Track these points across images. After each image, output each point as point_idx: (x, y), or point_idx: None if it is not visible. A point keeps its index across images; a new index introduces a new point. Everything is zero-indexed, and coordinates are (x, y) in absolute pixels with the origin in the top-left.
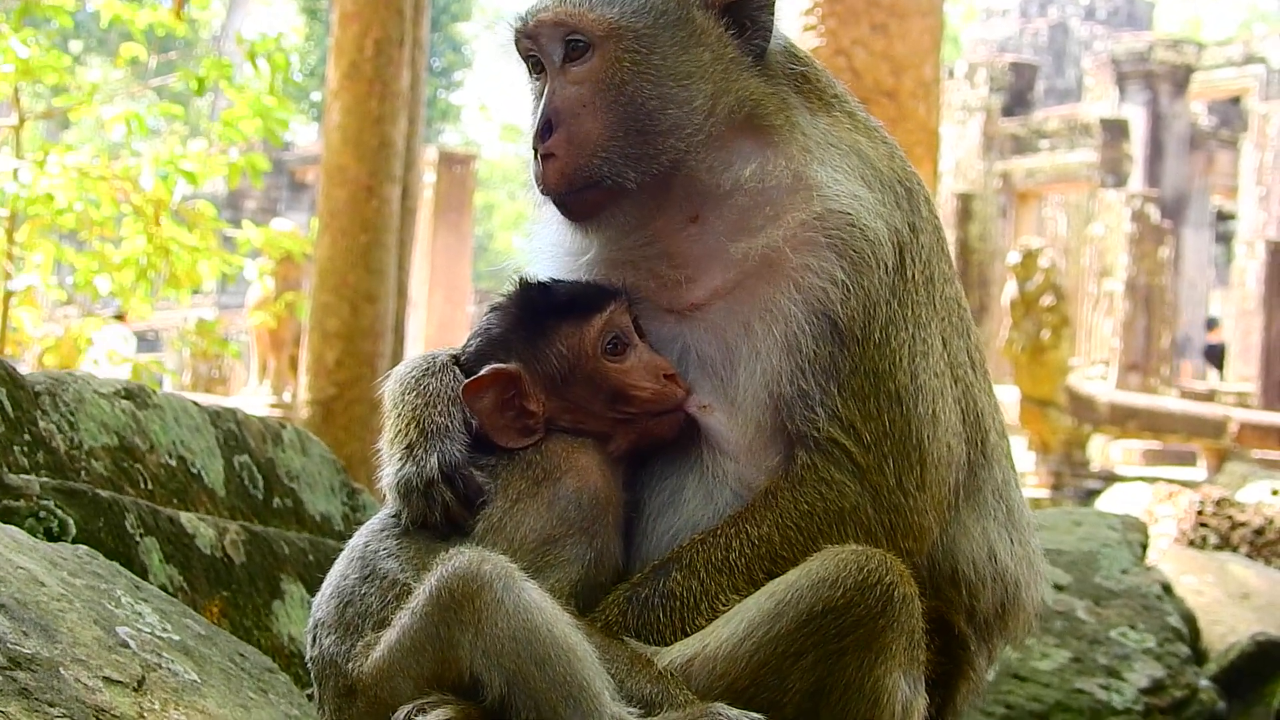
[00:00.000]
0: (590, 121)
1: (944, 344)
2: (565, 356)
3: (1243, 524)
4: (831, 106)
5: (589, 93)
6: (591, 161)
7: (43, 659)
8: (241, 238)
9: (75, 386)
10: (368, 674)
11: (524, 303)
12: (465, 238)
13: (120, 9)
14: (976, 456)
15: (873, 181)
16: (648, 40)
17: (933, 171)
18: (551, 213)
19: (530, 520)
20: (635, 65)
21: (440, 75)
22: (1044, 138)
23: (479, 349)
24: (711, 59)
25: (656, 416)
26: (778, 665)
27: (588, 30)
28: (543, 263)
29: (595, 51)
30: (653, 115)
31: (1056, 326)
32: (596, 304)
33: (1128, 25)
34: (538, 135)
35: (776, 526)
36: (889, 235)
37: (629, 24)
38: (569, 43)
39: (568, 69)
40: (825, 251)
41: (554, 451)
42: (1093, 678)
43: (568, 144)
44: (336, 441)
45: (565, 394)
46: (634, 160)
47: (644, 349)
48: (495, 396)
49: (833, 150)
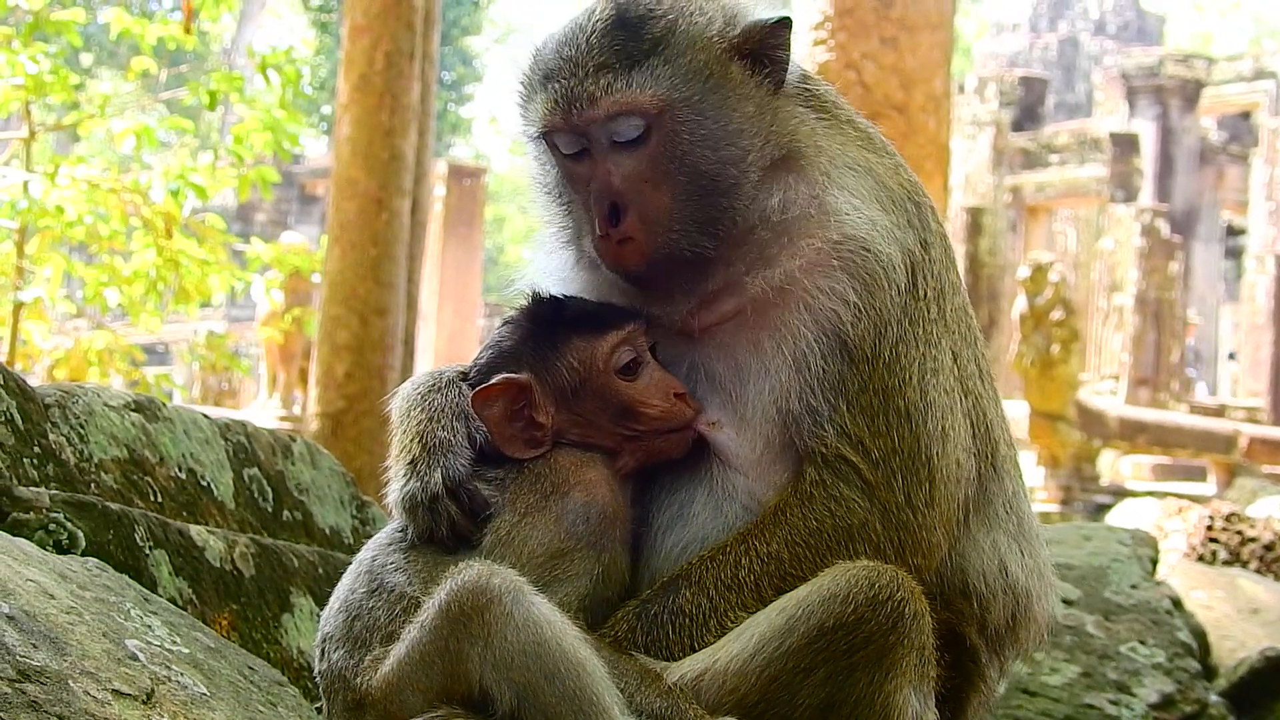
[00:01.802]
0: (658, 198)
1: (954, 358)
2: (576, 369)
3: (1253, 539)
4: (843, 126)
5: (648, 169)
6: (669, 237)
7: (52, 671)
8: (251, 254)
9: (85, 399)
10: (377, 688)
11: (536, 315)
12: (475, 251)
13: (130, 23)
14: (987, 470)
15: (886, 202)
16: (698, 106)
17: (943, 186)
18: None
19: (539, 534)
20: (691, 134)
21: (450, 89)
22: (1054, 152)
23: (489, 361)
24: (754, 110)
25: (665, 434)
26: (788, 681)
27: (643, 112)
28: (553, 285)
29: (651, 130)
30: (715, 179)
31: (1066, 341)
32: (612, 321)
33: (1138, 40)
34: (605, 220)
35: (786, 544)
36: (902, 258)
37: (680, 95)
38: (623, 127)
39: (619, 148)
40: (838, 274)
41: (562, 465)
42: (1102, 693)
43: (641, 224)
44: (346, 454)
45: (574, 407)
46: (704, 225)
47: (655, 367)
48: (504, 406)
49: (849, 172)
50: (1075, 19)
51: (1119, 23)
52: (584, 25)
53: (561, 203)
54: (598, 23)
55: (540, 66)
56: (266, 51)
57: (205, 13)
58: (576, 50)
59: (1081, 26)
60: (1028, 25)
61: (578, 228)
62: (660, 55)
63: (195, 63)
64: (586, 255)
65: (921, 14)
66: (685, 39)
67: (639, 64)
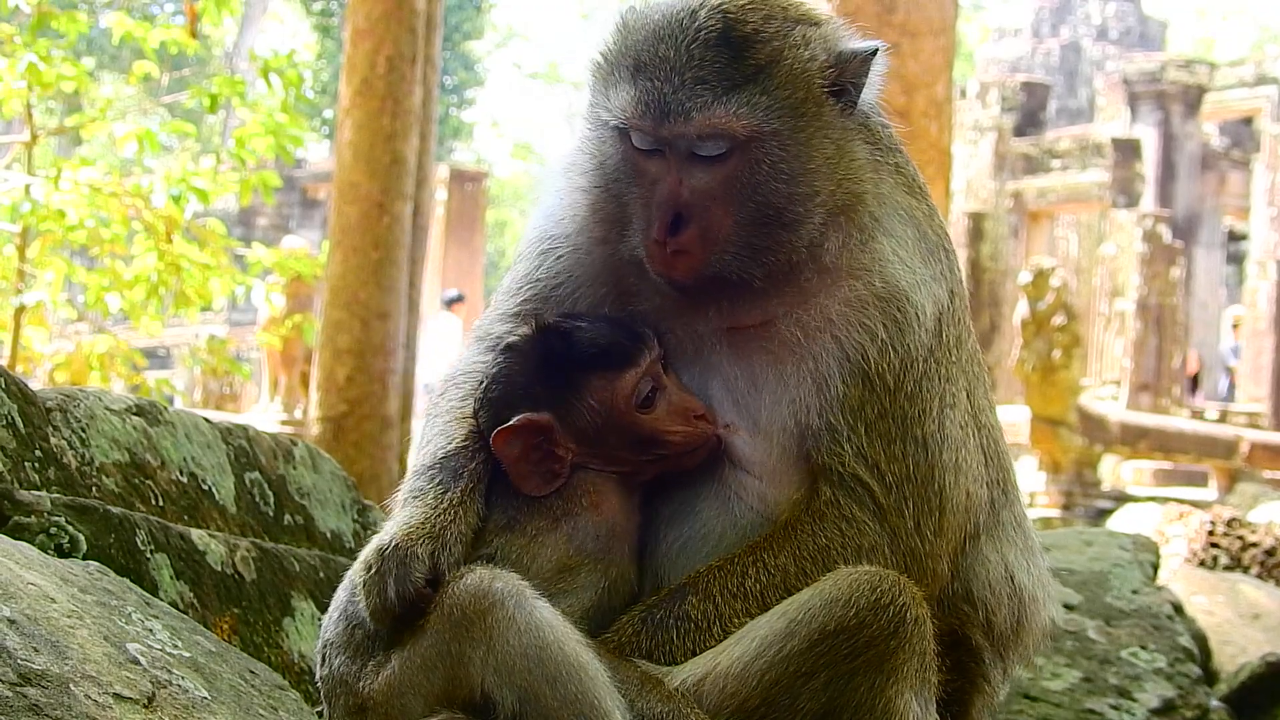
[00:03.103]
0: (722, 218)
1: (968, 396)
2: (597, 410)
3: (1254, 544)
4: (891, 170)
5: (720, 188)
6: (722, 258)
7: (53, 675)
8: (252, 258)
9: (86, 403)
10: (378, 691)
11: (548, 350)
12: (477, 255)
13: (132, 26)
14: (999, 495)
15: (925, 253)
16: (785, 141)
17: (944, 191)
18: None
19: (547, 552)
20: (772, 166)
21: (452, 93)
22: (1056, 157)
23: (502, 395)
24: (834, 151)
25: (688, 453)
26: (789, 684)
27: (732, 136)
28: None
29: (734, 153)
30: (782, 212)
31: (1068, 346)
32: (629, 356)
33: (1140, 45)
34: (665, 228)
35: (794, 558)
36: (933, 308)
37: (771, 128)
38: (708, 145)
39: (696, 160)
40: (873, 314)
41: (576, 489)
42: (1103, 698)
43: (700, 241)
44: (347, 458)
45: (595, 442)
46: (759, 253)
47: (674, 389)
48: (524, 445)
49: (894, 218)
50: (1077, 24)
51: (1121, 28)
52: (686, 25)
53: (614, 189)
54: (702, 31)
55: (630, 53)
56: (269, 55)
57: (207, 16)
58: (675, 52)
59: (1083, 32)
60: (1030, 30)
61: (622, 215)
62: (760, 84)
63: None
64: (627, 243)
65: (924, 19)
66: (787, 72)
67: (739, 89)
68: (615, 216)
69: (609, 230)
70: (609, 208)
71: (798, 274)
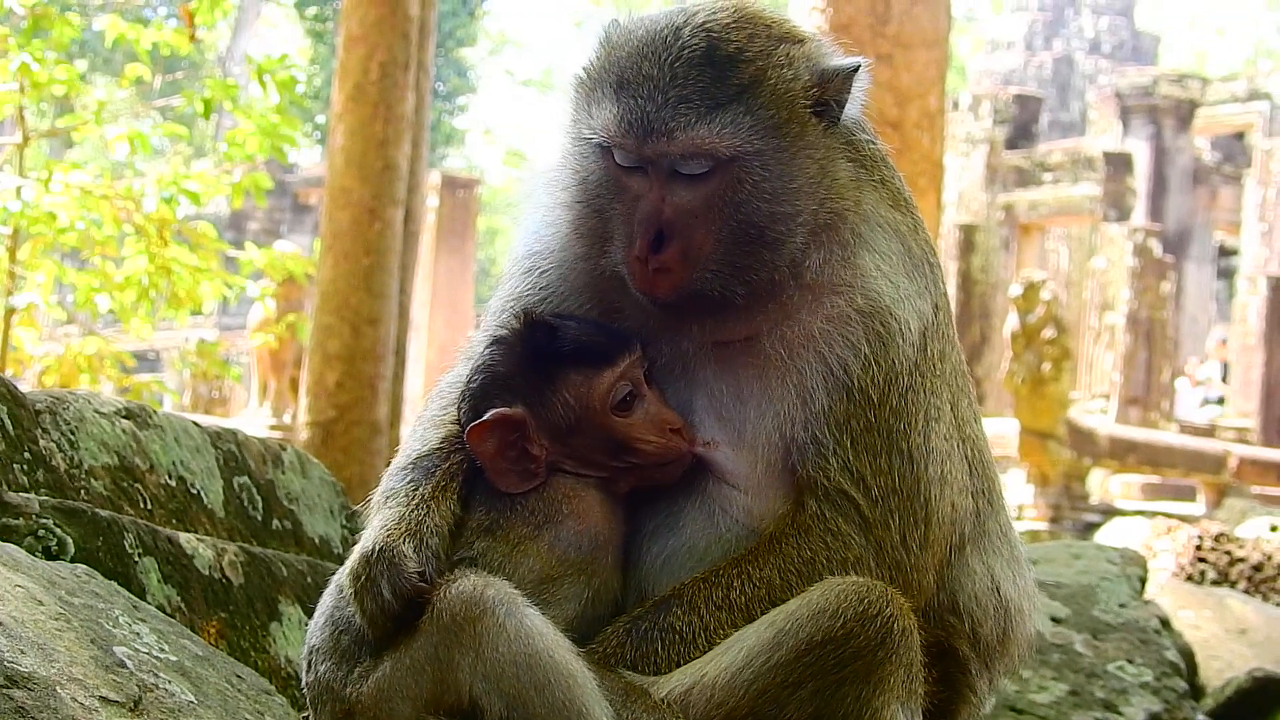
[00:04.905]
0: (704, 236)
1: (953, 408)
2: (571, 406)
3: (1241, 559)
4: (876, 184)
5: (701, 206)
6: (703, 276)
7: (40, 678)
8: (244, 259)
9: (76, 405)
10: (366, 696)
11: (530, 342)
12: (468, 262)
13: (125, 29)
14: (984, 505)
15: (910, 268)
16: (768, 161)
17: (936, 203)
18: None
19: (530, 561)
20: (755, 186)
21: (444, 100)
22: (1047, 170)
23: (481, 387)
24: (816, 171)
25: (661, 466)
26: (776, 695)
27: (715, 156)
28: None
29: (717, 172)
30: (763, 232)
31: (1057, 359)
32: (609, 356)
33: (1132, 59)
34: (646, 245)
35: (779, 570)
36: (918, 323)
37: (755, 146)
38: (690, 163)
39: (679, 178)
40: (856, 330)
41: (555, 495)
42: (1090, 711)
43: (682, 259)
44: (336, 464)
45: (569, 441)
46: (741, 272)
47: (653, 400)
48: (498, 441)
49: (878, 234)
50: (1070, 38)
51: (1114, 42)
52: (670, 43)
53: (596, 205)
54: (686, 49)
55: (614, 69)
56: (261, 59)
57: (201, 18)
58: (659, 70)
59: (1076, 45)
60: (1023, 43)
61: (605, 231)
62: (744, 104)
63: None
64: (609, 259)
65: (917, 31)
66: (770, 91)
67: (722, 108)
68: (597, 232)
69: (591, 246)
70: (591, 223)
71: (780, 291)
